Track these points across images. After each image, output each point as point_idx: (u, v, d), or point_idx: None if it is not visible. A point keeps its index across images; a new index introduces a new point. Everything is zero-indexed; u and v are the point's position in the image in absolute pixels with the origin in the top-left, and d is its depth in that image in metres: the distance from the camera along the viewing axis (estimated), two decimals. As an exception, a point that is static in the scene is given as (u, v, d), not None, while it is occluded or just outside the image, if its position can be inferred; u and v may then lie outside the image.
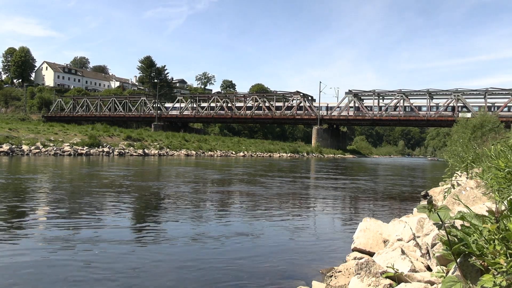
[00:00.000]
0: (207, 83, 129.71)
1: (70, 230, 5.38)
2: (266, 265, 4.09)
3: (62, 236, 5.00)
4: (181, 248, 4.63)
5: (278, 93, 74.02)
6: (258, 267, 4.00)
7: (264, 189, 11.30)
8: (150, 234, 5.44)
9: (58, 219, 6.11)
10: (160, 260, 4.13)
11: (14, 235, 4.99)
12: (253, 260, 4.24)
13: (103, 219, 6.25)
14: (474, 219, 2.07)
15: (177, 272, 3.77)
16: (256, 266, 4.03)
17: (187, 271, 3.79)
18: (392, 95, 63.11)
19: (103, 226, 5.74)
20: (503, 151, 4.29)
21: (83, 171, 16.56)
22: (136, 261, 4.04)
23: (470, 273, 2.02)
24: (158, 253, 4.42)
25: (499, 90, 55.95)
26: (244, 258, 4.32)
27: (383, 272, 2.78)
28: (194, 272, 3.77)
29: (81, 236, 5.08)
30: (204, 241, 5.04)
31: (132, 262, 3.99)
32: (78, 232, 5.30)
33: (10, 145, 28.17)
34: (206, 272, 3.78)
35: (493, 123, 21.74)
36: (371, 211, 8.26)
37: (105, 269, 3.75)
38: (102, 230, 5.46)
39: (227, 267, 3.94)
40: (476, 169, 6.27)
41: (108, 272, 3.67)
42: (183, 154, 39.46)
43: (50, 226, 5.62)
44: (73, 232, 5.25)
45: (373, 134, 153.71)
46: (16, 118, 70.38)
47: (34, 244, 4.58)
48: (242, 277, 3.68)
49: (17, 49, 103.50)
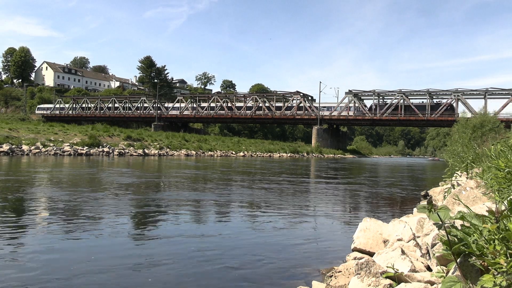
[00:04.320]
0: (207, 83, 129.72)
1: (70, 229, 5.39)
2: (266, 265, 4.08)
3: (63, 234, 5.01)
4: (180, 248, 4.63)
5: (278, 93, 74.04)
6: (258, 267, 4.00)
7: (264, 189, 11.29)
8: (150, 233, 5.44)
9: (58, 218, 6.11)
10: (160, 259, 4.13)
11: (14, 235, 4.99)
12: (253, 260, 4.24)
13: (103, 220, 6.25)
14: (474, 219, 2.07)
15: (176, 272, 3.76)
16: (256, 266, 4.03)
17: (187, 271, 3.79)
18: (392, 95, 63.15)
19: (102, 226, 5.74)
20: (503, 151, 4.29)
21: (81, 173, 16.56)
22: (136, 260, 4.04)
23: (470, 273, 2.02)
24: (158, 252, 4.42)
25: (499, 90, 55.99)
26: (244, 258, 4.32)
27: (383, 272, 2.78)
28: (194, 272, 3.77)
29: (81, 236, 5.08)
30: (204, 241, 5.04)
31: (133, 260, 4.00)
32: (78, 232, 5.30)
33: (10, 145, 28.17)
34: (206, 272, 3.77)
35: (493, 123, 21.74)
36: (371, 211, 8.26)
37: (106, 268, 3.75)
38: (101, 231, 5.46)
39: (227, 267, 3.94)
40: (476, 169, 6.28)
41: (109, 271, 3.67)
42: (183, 154, 39.46)
43: (50, 225, 5.62)
44: (74, 230, 5.26)
45: (373, 134, 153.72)
46: (16, 118, 70.44)
47: (34, 245, 4.58)
48: (242, 277, 3.68)
49: (17, 49, 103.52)
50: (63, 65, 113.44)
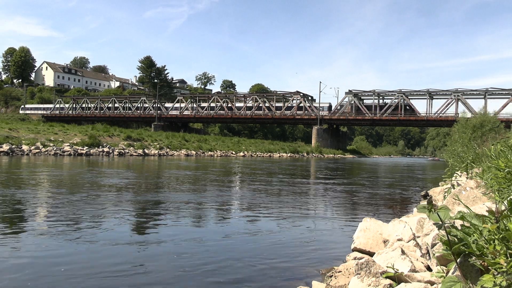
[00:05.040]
0: (207, 83, 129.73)
1: (70, 227, 5.39)
2: (266, 265, 4.08)
3: (63, 234, 5.01)
4: (180, 248, 4.63)
5: (278, 93, 74.07)
6: (258, 267, 4.00)
7: (264, 189, 11.29)
8: (150, 232, 5.44)
9: (58, 216, 6.11)
10: (160, 259, 4.13)
11: (14, 234, 4.99)
12: (253, 260, 4.24)
13: (103, 221, 6.25)
14: (474, 219, 2.07)
15: (176, 272, 3.76)
16: (256, 266, 4.03)
17: (187, 271, 3.79)
18: (392, 95, 63.16)
19: (102, 227, 5.74)
20: (503, 151, 4.29)
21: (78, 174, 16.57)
22: (136, 259, 4.04)
23: (470, 273, 2.02)
24: (158, 252, 4.42)
25: (499, 90, 56.00)
26: (244, 258, 4.32)
27: (383, 272, 2.78)
28: (194, 272, 3.77)
29: (81, 235, 5.08)
30: (203, 241, 5.04)
31: (133, 260, 4.00)
32: (78, 231, 5.30)
33: (10, 145, 28.16)
34: (206, 272, 3.77)
35: (493, 123, 21.73)
36: (371, 211, 8.26)
37: (108, 269, 3.75)
38: (101, 230, 5.46)
39: (227, 267, 3.94)
40: (476, 169, 6.27)
41: (111, 272, 3.67)
42: (183, 154, 39.46)
43: (50, 226, 5.62)
44: (74, 230, 5.26)
45: (373, 134, 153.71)
46: (16, 118, 70.42)
47: (33, 246, 4.58)
48: (242, 277, 3.68)
49: (17, 49, 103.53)
50: (63, 65, 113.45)
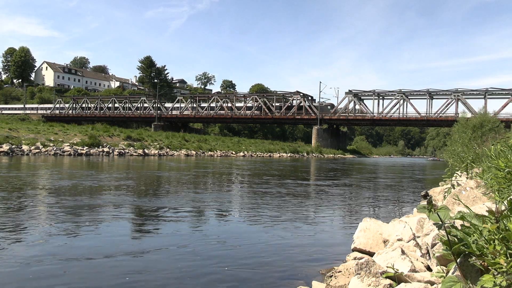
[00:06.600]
0: (207, 83, 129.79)
1: (70, 227, 5.39)
2: (266, 265, 4.09)
3: (63, 234, 5.00)
4: (180, 248, 4.63)
5: (278, 93, 74.08)
6: (258, 267, 4.00)
7: (264, 189, 11.29)
8: (150, 232, 5.44)
9: (58, 215, 6.11)
10: (159, 259, 4.13)
11: (14, 234, 4.99)
12: (253, 260, 4.24)
13: (103, 221, 6.25)
14: (474, 219, 2.07)
15: (177, 272, 3.76)
16: (256, 266, 4.03)
17: (187, 271, 3.79)
18: (392, 95, 63.16)
19: (102, 227, 5.75)
20: (503, 151, 4.28)
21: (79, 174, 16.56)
22: (136, 259, 4.04)
23: (470, 273, 2.02)
24: (158, 252, 4.41)
25: (499, 90, 55.99)
26: (244, 258, 4.32)
27: (383, 272, 2.78)
28: (194, 272, 3.77)
29: (81, 234, 5.08)
30: (203, 241, 5.04)
31: (131, 260, 4.00)
32: (79, 231, 5.30)
33: (10, 145, 28.17)
34: (206, 272, 3.77)
35: (493, 123, 21.73)
36: (371, 211, 8.26)
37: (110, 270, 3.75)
38: (102, 232, 5.46)
39: (227, 267, 3.94)
40: (476, 169, 6.28)
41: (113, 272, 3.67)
42: (183, 154, 39.47)
43: (50, 225, 5.62)
44: (73, 231, 5.26)
45: (373, 134, 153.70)
46: (16, 118, 70.38)
47: (32, 246, 4.58)
48: (242, 277, 3.68)
49: (17, 49, 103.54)
50: (63, 65, 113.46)
